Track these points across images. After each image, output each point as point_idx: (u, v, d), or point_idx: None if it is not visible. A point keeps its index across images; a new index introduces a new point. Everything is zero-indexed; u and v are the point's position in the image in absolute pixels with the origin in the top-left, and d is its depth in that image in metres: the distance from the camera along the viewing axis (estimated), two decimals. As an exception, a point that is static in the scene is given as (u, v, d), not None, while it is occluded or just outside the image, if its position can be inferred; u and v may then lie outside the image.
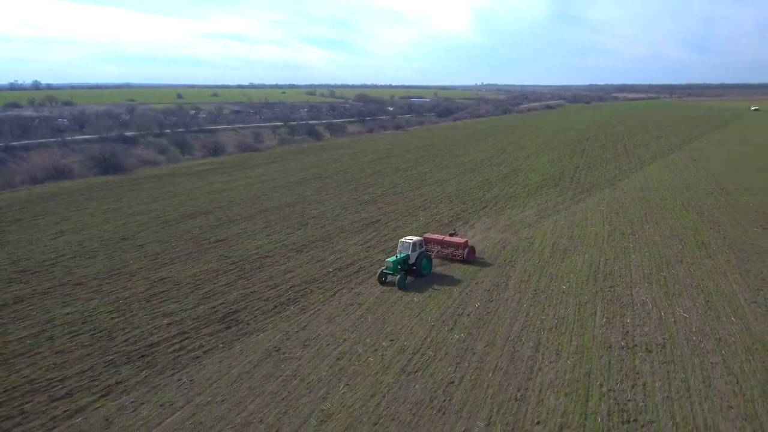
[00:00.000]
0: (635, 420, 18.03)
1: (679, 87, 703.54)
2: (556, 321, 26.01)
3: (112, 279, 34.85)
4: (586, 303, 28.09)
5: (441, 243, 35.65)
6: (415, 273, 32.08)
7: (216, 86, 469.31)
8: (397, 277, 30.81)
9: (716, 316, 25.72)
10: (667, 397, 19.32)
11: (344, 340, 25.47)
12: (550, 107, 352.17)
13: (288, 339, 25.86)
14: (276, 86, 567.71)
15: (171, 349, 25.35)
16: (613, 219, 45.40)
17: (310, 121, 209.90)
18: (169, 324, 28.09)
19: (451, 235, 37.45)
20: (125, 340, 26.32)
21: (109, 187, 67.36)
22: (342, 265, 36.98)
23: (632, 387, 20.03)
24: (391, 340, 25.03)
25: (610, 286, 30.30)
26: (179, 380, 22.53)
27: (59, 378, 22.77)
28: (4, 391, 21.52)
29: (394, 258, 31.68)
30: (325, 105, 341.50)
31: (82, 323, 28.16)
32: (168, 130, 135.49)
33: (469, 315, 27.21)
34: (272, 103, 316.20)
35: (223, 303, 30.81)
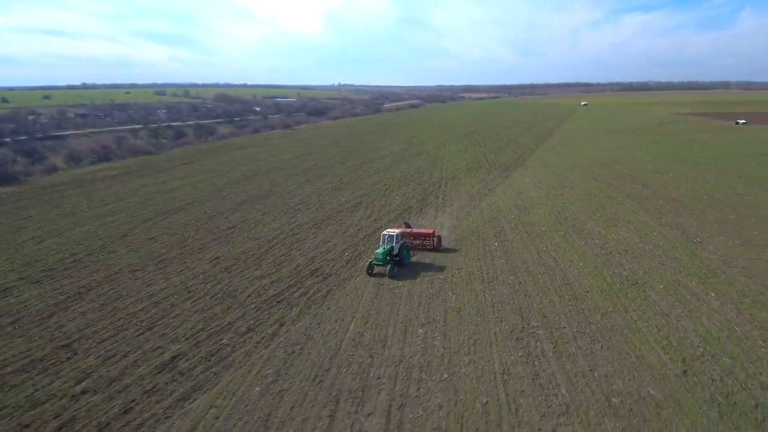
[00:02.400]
0: (635, 283, 32.14)
1: (513, 87, 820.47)
2: (555, 245, 39.84)
3: (163, 265, 39.23)
4: (564, 235, 42.71)
5: (411, 235, 38.95)
6: (398, 263, 34.77)
7: (43, 87, 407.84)
8: (387, 268, 33.69)
9: (644, 233, 42.22)
10: (641, 268, 33.96)
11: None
12: (413, 106, 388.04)
13: (381, 276, 35.03)
14: (114, 86, 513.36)
15: (296, 295, 32.72)
16: (540, 187, 62.17)
17: (172, 123, 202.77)
18: (272, 282, 34.87)
19: (407, 226, 41.28)
20: (249, 295, 32.76)
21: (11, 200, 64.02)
22: (368, 232, 46.34)
23: (618, 266, 34.33)
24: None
25: (572, 225, 45.56)
26: (328, 308, 30.59)
27: (233, 320, 29.04)
28: (219, 331, 27.33)
29: (382, 249, 34.26)
30: (185, 106, 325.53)
31: (203, 285, 33.54)
32: (8, 139, 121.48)
33: (502, 257, 39.47)
34: (122, 104, 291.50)
35: (298, 265, 38.10)
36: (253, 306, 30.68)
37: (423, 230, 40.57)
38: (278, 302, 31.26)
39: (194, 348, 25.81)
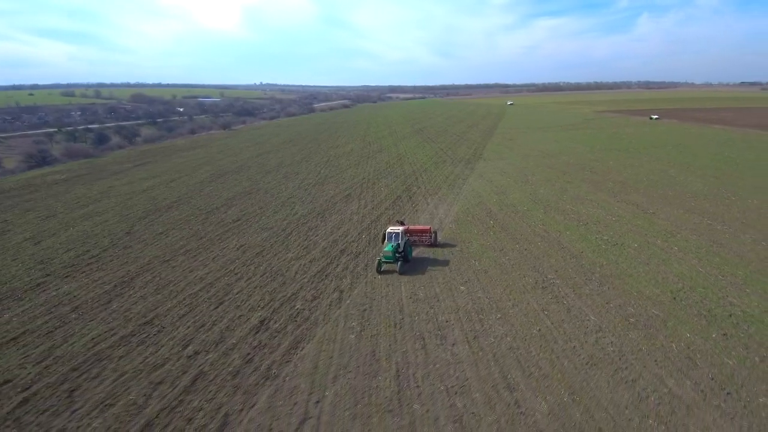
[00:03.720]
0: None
1: (437, 87, 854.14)
2: (540, 220, 47.58)
3: (191, 254, 42.32)
4: (544, 212, 50.94)
5: (409, 232, 39.56)
6: (404, 259, 35.94)
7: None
8: (398, 265, 35.15)
9: (606, 208, 51.14)
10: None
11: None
12: (346, 106, 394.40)
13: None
14: (14, 87, 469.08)
15: (338, 270, 37.45)
16: (506, 176, 70.79)
17: (90, 126, 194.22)
18: (309, 261, 39.19)
19: (401, 223, 41.17)
20: (296, 273, 37.12)
21: None
22: (372, 218, 51.62)
23: (597, 232, 42.70)
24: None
25: (547, 204, 53.94)
26: (375, 277, 35.83)
27: (295, 292, 33.45)
28: (287, 300, 31.53)
29: (390, 247, 35.34)
30: (100, 107, 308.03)
31: (245, 268, 37.36)
32: None
33: (501, 231, 46.55)
34: (30, 107, 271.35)
35: (324, 248, 42.46)
36: (305, 280, 35.09)
37: (420, 227, 41.97)
38: (326, 276, 35.88)
39: (274, 314, 30.00)
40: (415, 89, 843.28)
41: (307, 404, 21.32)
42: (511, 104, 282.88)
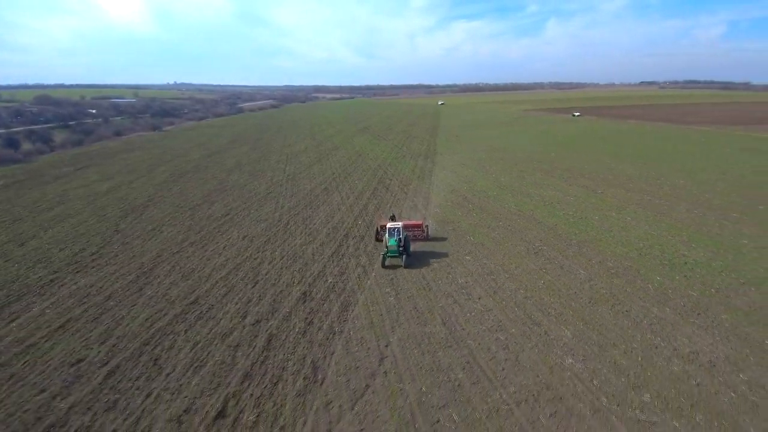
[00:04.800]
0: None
1: (363, 88, 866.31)
2: (512, 202, 54.70)
3: (199, 245, 44.78)
4: (512, 196, 58.36)
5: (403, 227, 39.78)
6: (405, 252, 37.21)
7: None
8: (402, 258, 36.61)
9: (563, 191, 59.34)
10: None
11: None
12: (275, 106, 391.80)
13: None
14: None
15: (351, 250, 41.75)
16: (467, 167, 78.06)
17: None
18: (320, 245, 43.06)
19: (392, 219, 42.97)
20: (312, 254, 41.00)
21: None
22: (360, 207, 56.20)
23: (562, 209, 50.53)
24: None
25: (512, 189, 61.50)
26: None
27: (321, 269, 37.48)
28: (318, 276, 35.42)
29: (393, 241, 36.60)
30: (3, 110, 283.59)
31: (260, 253, 40.69)
32: None
33: (482, 212, 52.97)
34: None
35: (328, 233, 46.53)
36: (324, 260, 39.10)
37: (413, 222, 44.02)
38: (342, 256, 40.12)
39: (312, 287, 33.94)
40: (340, 89, 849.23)
41: (379, 348, 25.82)
42: (442, 104, 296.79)
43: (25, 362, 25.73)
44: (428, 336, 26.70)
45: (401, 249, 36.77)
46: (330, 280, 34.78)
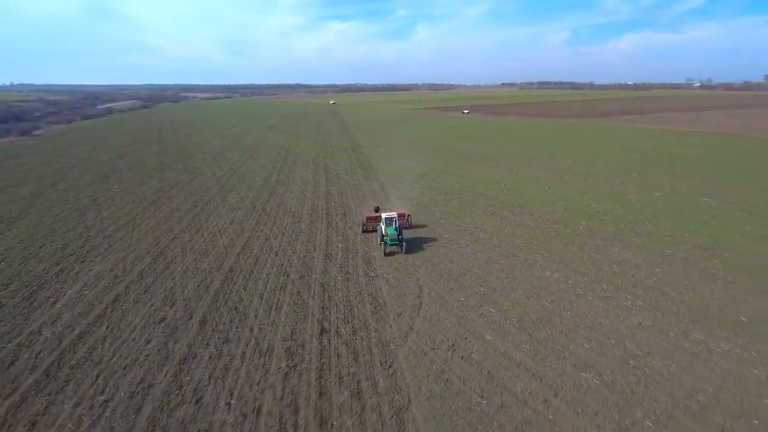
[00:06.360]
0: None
1: (237, 87, 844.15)
2: (460, 179, 66.52)
3: (198, 229, 49.63)
4: (459, 178, 70.31)
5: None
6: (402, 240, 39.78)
7: None
8: (402, 246, 39.66)
9: (496, 171, 73.31)
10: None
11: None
12: (146, 106, 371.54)
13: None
14: None
15: (349, 226, 50.16)
16: (399, 157, 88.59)
17: None
18: (312, 221, 50.72)
19: (376, 210, 46.89)
20: (311, 232, 48.53)
21: None
22: (323, 192, 63.84)
23: (501, 183, 63.50)
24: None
25: (452, 173, 73.58)
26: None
27: (335, 239, 45.32)
28: (347, 242, 43.06)
29: (392, 230, 39.46)
30: None
31: (264, 228, 47.07)
32: None
33: (434, 185, 63.68)
34: None
35: (311, 213, 53.92)
36: (323, 232, 46.46)
37: (398, 211, 46.51)
38: (337, 229, 47.91)
39: (328, 252, 41.64)
40: (212, 88, 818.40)
41: (413, 281, 34.76)
42: (334, 103, 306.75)
43: (108, 327, 29.90)
44: (445, 271, 36.25)
45: (400, 237, 39.99)
46: (341, 245, 42.58)
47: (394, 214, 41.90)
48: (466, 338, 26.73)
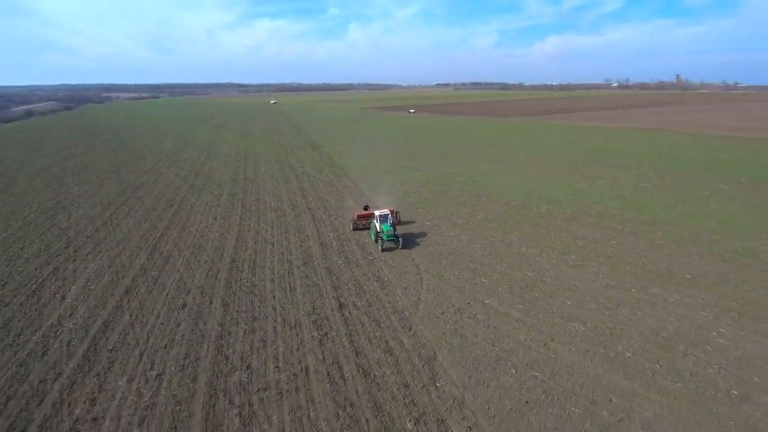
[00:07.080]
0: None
1: (163, 86, 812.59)
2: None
3: (205, 213, 51.50)
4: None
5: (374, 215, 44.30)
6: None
7: None
8: (398, 241, 41.09)
9: (447, 163, 78.95)
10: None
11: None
12: (69, 108, 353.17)
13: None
14: None
15: (340, 212, 53.75)
16: (361, 154, 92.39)
17: None
18: (308, 208, 54.02)
19: (365, 208, 48.37)
20: (313, 221, 51.82)
21: None
22: (299, 185, 66.88)
23: (453, 171, 69.23)
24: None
25: (410, 167, 78.64)
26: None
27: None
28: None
29: (387, 226, 40.94)
30: None
31: (268, 208, 49.86)
32: None
33: (416, 174, 68.27)
34: None
35: (303, 197, 57.25)
36: (310, 225, 49.76)
37: (388, 208, 47.12)
38: (322, 222, 51.43)
39: (321, 241, 45.17)
40: (137, 88, 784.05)
41: (408, 260, 39.24)
42: (274, 103, 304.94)
43: (131, 315, 31.91)
44: (436, 252, 40.79)
45: (395, 233, 41.36)
46: (332, 235, 46.17)
47: (387, 211, 43.55)
48: (468, 303, 31.37)
